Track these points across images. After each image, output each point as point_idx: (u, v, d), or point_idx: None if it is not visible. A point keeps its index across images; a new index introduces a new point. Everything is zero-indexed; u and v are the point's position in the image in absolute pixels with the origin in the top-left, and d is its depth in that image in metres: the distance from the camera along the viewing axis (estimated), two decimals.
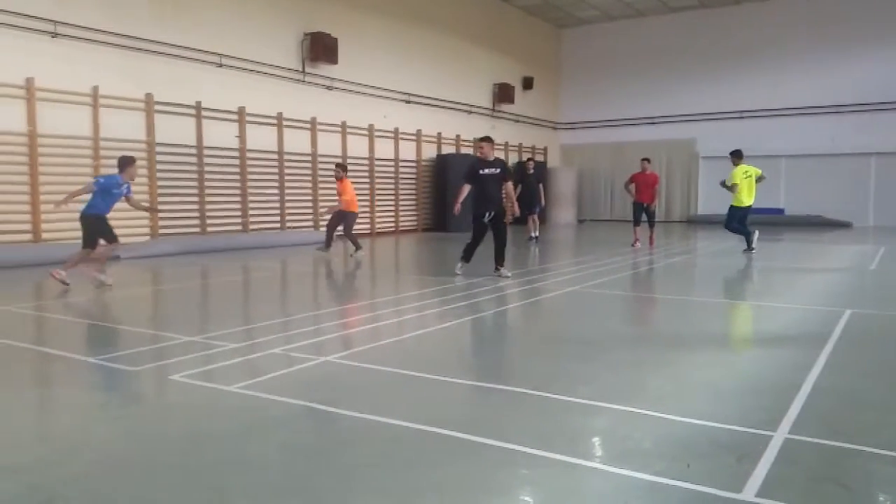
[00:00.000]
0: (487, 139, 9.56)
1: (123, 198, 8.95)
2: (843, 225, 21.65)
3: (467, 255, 9.56)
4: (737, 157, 13.31)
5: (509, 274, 9.39)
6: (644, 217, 14.72)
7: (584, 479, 2.96)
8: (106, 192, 8.69)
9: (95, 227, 8.78)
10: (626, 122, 25.79)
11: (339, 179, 12.80)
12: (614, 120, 26.05)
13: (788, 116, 22.98)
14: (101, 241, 8.87)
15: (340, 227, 12.92)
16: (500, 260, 9.44)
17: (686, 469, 2.99)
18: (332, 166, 17.10)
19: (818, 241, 16.81)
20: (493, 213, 9.34)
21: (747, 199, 13.09)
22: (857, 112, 22.04)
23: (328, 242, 12.99)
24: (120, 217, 12.32)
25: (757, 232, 13.15)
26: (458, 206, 9.64)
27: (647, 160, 15.13)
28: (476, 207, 9.42)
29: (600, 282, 9.20)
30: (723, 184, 13.45)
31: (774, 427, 3.48)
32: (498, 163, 9.52)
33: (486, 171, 9.29)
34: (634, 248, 14.44)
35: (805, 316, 6.95)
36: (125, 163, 8.97)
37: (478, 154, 9.69)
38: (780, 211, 23.23)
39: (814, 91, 22.50)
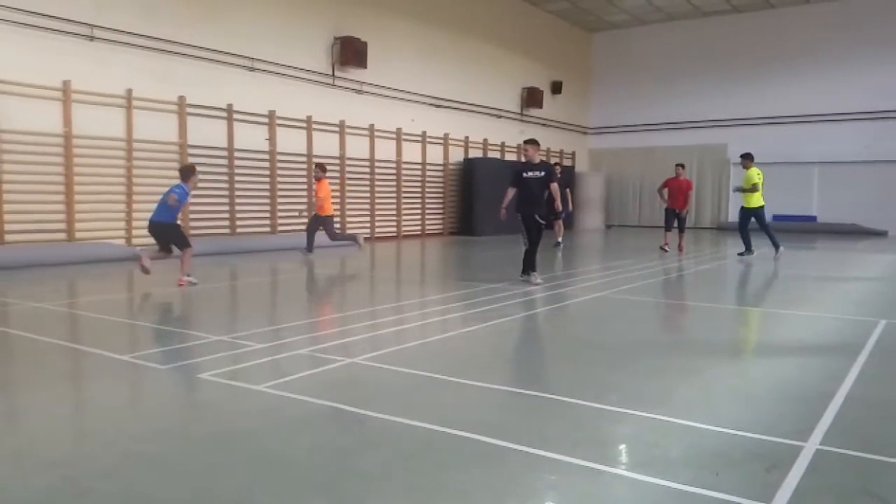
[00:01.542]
0: (532, 142, 9.41)
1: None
2: (879, 233, 21.23)
3: (531, 263, 9.24)
4: (749, 159, 13.48)
5: (535, 281, 9.35)
6: (675, 223, 14.62)
7: (610, 486, 2.94)
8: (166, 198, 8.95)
9: (167, 235, 9.06)
10: (656, 126, 25.57)
11: (318, 180, 12.68)
12: (644, 124, 25.85)
13: (822, 123, 22.61)
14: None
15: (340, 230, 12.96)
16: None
17: (714, 478, 2.95)
18: (362, 170, 17.37)
19: (852, 249, 16.50)
20: (538, 216, 9.19)
21: (760, 199, 13.19)
22: (894, 119, 21.61)
23: (309, 246, 12.88)
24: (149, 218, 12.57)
25: (755, 252, 13.21)
26: (503, 211, 9.55)
27: (682, 166, 15.03)
28: (520, 210, 9.26)
29: (629, 288, 9.12)
30: (739, 188, 13.52)
31: (806, 437, 3.42)
32: (543, 166, 9.37)
33: (530, 174, 9.18)
34: (663, 250, 14.34)
35: (838, 325, 6.83)
36: (190, 172, 9.18)
37: (523, 157, 9.58)
38: (813, 218, 22.87)
39: (848, 97, 22.12)
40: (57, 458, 3.19)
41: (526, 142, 9.48)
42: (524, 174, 9.21)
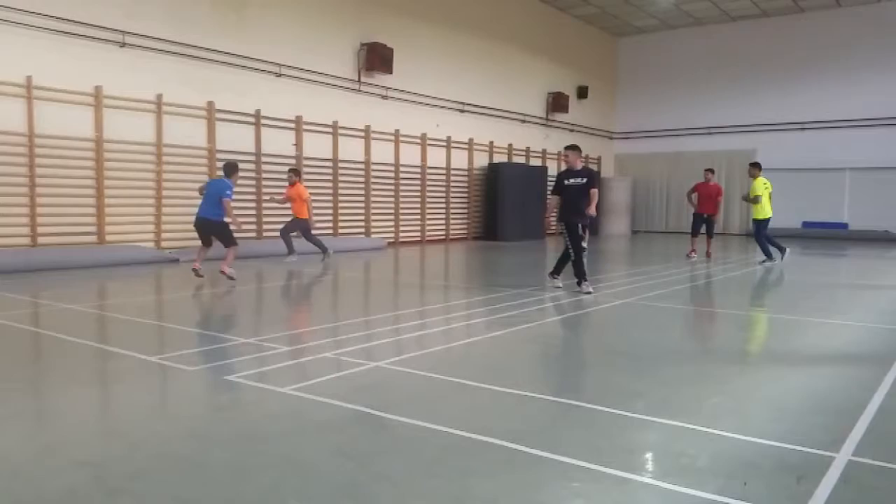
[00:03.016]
0: (572, 148, 9.19)
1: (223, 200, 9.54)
2: None
3: (581, 272, 8.99)
4: (756, 168, 13.50)
5: (560, 284, 9.31)
6: (703, 229, 14.48)
7: (637, 495, 2.91)
8: (218, 197, 9.38)
9: (216, 231, 9.55)
10: (684, 131, 25.35)
11: (292, 184, 12.52)
12: (671, 130, 25.64)
13: (853, 128, 22.24)
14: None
15: (319, 231, 12.89)
16: (558, 270, 9.32)
17: (743, 488, 2.91)
18: (387, 174, 17.43)
19: (884, 256, 16.19)
20: (581, 226, 9.02)
21: (766, 211, 13.22)
22: None
23: (322, 247, 12.82)
24: (179, 222, 12.76)
25: (776, 259, 13.18)
26: (548, 219, 9.42)
27: (711, 171, 14.91)
28: (563, 218, 9.06)
29: (655, 294, 9.04)
30: (745, 197, 13.61)
31: (837, 448, 3.36)
32: (585, 172, 9.12)
33: (571, 180, 9.00)
34: (689, 258, 14.19)
35: (869, 334, 6.70)
36: (234, 168, 9.73)
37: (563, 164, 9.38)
38: (844, 225, 22.49)
39: (881, 101, 21.72)
40: (88, 457, 3.24)
41: (566, 148, 9.28)
42: (565, 181, 9.05)
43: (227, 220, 9.56)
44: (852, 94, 22.13)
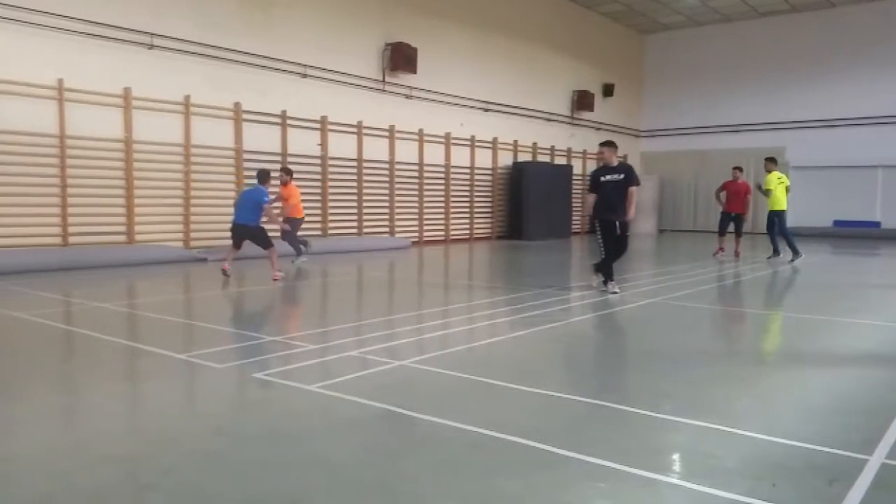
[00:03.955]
0: (608, 144, 9.03)
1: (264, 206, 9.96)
2: None
3: (608, 272, 8.90)
4: (772, 163, 13.69)
5: (594, 284, 9.23)
6: (731, 227, 14.33)
7: (664, 496, 2.88)
8: (255, 203, 9.88)
9: (252, 236, 10.02)
10: (711, 129, 25.05)
11: (284, 184, 12.40)
12: (698, 127, 25.36)
13: (885, 125, 21.80)
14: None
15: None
16: (599, 268, 9.21)
17: (772, 489, 2.87)
18: (411, 174, 17.47)
19: None
20: (618, 224, 8.80)
21: (778, 204, 13.39)
22: None
23: (304, 244, 12.69)
24: (207, 222, 12.91)
25: (803, 255, 13.31)
26: (588, 218, 9.36)
27: (739, 169, 14.76)
28: (599, 215, 8.91)
29: (682, 294, 8.95)
30: (758, 187, 13.87)
31: (871, 450, 3.30)
32: (622, 168, 8.93)
33: (608, 177, 8.82)
34: (717, 256, 14.04)
35: None
36: (267, 175, 10.28)
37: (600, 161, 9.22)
38: (876, 224, 22.07)
39: None
40: (119, 453, 3.29)
41: (601, 144, 9.12)
42: (601, 178, 8.89)
43: (263, 220, 9.95)
44: (884, 90, 21.70)
